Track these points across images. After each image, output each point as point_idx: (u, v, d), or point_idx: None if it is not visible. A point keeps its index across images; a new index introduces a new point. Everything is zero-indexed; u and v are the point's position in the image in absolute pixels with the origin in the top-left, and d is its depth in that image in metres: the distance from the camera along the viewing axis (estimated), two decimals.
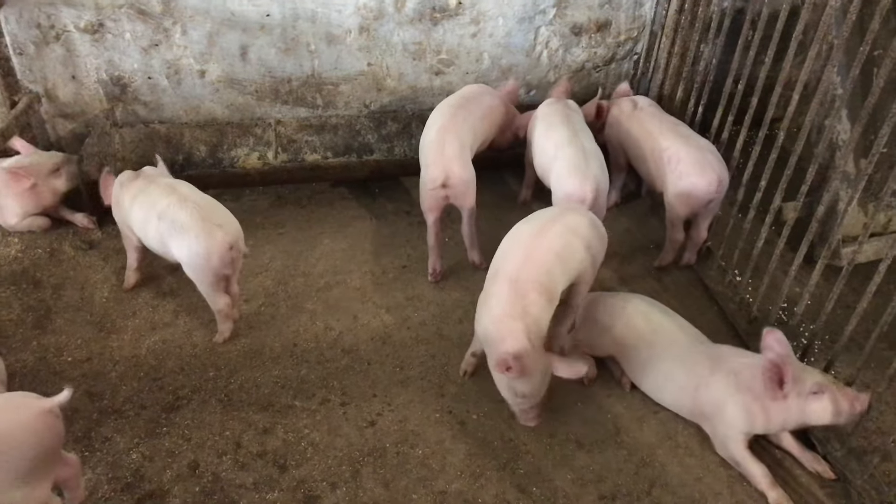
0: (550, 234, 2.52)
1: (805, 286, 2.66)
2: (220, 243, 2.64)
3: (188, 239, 2.65)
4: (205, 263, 2.67)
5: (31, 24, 3.26)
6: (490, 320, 2.39)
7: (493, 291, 2.43)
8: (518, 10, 3.57)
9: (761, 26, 2.83)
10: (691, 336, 2.63)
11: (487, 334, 2.40)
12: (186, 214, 2.66)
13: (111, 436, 2.50)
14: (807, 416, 2.32)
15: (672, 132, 3.19)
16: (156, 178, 2.86)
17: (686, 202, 3.09)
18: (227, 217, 2.74)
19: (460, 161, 3.00)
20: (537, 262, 2.44)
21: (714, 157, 3.07)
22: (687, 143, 3.11)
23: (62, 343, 2.82)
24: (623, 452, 2.53)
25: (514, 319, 2.33)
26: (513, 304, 2.35)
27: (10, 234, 3.30)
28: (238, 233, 2.72)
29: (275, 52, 3.49)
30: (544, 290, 2.41)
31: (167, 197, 2.72)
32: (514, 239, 2.58)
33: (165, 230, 2.69)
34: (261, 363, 2.78)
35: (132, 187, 2.85)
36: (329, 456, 2.47)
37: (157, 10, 3.30)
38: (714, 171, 3.02)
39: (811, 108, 2.64)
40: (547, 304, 2.41)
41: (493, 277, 2.49)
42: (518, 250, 2.48)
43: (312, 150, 3.64)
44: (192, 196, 2.75)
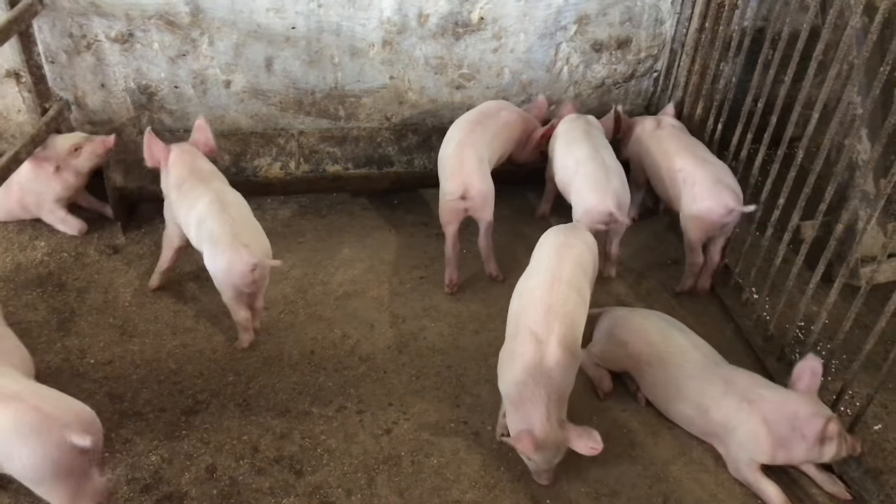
0: (562, 286, 2.44)
1: (822, 305, 2.66)
2: (242, 263, 2.63)
3: (215, 251, 2.68)
4: (225, 279, 2.70)
5: (63, 34, 3.33)
6: (514, 383, 2.32)
7: (518, 351, 2.35)
8: (539, 27, 3.60)
9: (781, 46, 2.85)
10: (706, 355, 2.63)
11: (509, 396, 2.35)
12: (219, 227, 2.68)
13: (131, 437, 2.54)
14: (817, 456, 2.38)
15: (689, 153, 3.18)
16: (212, 180, 2.87)
17: (700, 225, 3.07)
18: (257, 237, 2.75)
19: (479, 174, 3.03)
20: (559, 314, 2.37)
21: (729, 180, 3.05)
22: (703, 166, 3.10)
23: (85, 345, 2.87)
24: (637, 467, 2.54)
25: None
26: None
27: (36, 238, 3.37)
28: (264, 253, 2.72)
29: (299, 64, 3.55)
30: (569, 342, 2.35)
31: (210, 204, 2.73)
32: (530, 293, 2.48)
33: (200, 234, 2.74)
34: (279, 369, 2.82)
35: (185, 183, 2.85)
36: (345, 462, 2.50)
37: (185, 22, 3.36)
38: (728, 195, 3.00)
39: (831, 127, 2.65)
40: (572, 360, 2.35)
41: (514, 334, 2.42)
42: (538, 303, 2.40)
43: (334, 161, 3.69)
44: (233, 208, 2.76)
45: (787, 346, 2.87)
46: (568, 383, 2.33)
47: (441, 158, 3.19)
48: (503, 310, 3.05)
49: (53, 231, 3.39)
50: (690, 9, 3.55)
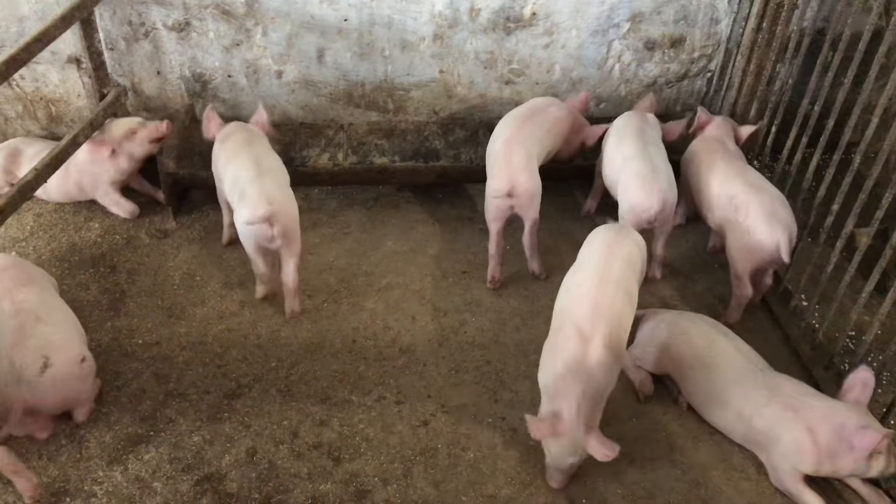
0: (611, 284, 2.41)
1: (875, 315, 2.59)
2: (259, 216, 2.76)
3: (239, 206, 2.84)
4: (245, 230, 2.85)
5: (123, 22, 3.42)
6: (553, 376, 2.32)
7: (561, 345, 2.34)
8: (592, 23, 3.57)
9: (842, 47, 2.78)
10: (751, 361, 2.58)
11: (546, 389, 2.36)
12: (248, 184, 2.84)
13: (175, 417, 2.60)
14: (864, 470, 2.32)
15: (742, 178, 3.01)
16: (251, 143, 3.05)
17: (750, 258, 2.91)
18: (283, 197, 2.87)
19: (527, 171, 3.02)
20: (605, 313, 2.35)
21: (784, 209, 2.88)
22: (759, 193, 2.92)
23: (134, 326, 2.94)
24: (676, 472, 2.50)
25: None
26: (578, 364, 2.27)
27: (91, 220, 3.46)
28: (283, 211, 2.82)
29: (350, 56, 3.58)
30: (613, 342, 2.32)
31: (246, 169, 2.91)
32: (578, 289, 2.46)
33: (232, 192, 2.91)
34: (321, 357, 2.85)
35: (227, 146, 3.07)
36: (382, 452, 2.52)
37: (240, 12, 3.42)
38: (782, 224, 2.83)
39: (891, 132, 2.57)
40: (615, 361, 2.32)
41: (558, 328, 2.41)
42: (585, 300, 2.38)
43: (381, 154, 3.71)
44: (267, 171, 2.92)
45: (836, 356, 2.80)
46: (607, 383, 2.30)
47: (489, 154, 3.18)
48: (545, 307, 3.07)
49: (107, 213, 3.48)
50: (748, 8, 3.48)
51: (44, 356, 2.40)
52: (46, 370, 2.40)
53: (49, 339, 2.46)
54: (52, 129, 3.72)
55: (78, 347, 2.52)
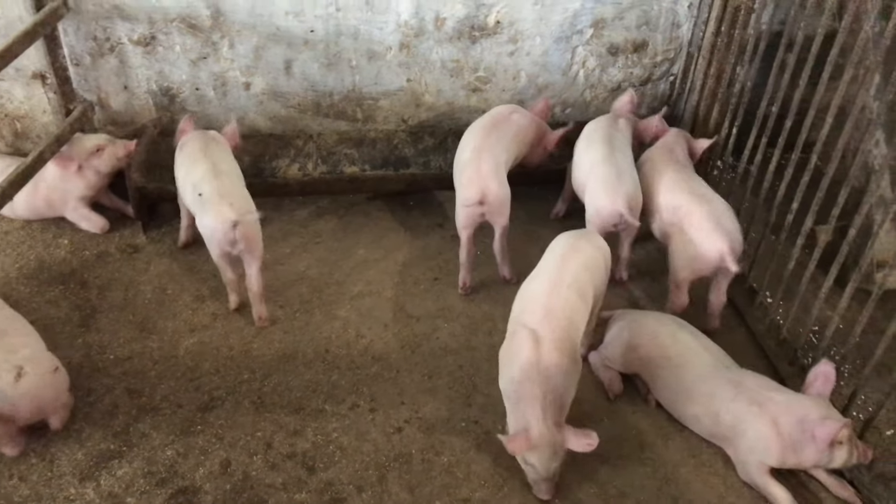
0: (563, 288, 2.43)
1: (835, 309, 2.65)
2: (223, 219, 2.80)
3: (202, 211, 2.90)
4: (210, 236, 2.89)
5: (88, 37, 3.41)
6: (511, 381, 2.33)
7: (515, 350, 2.35)
8: (555, 30, 3.63)
9: (797, 49, 2.85)
10: (717, 358, 2.64)
11: (507, 395, 2.37)
12: (208, 189, 2.90)
13: (148, 432, 2.60)
14: (827, 461, 2.37)
15: (688, 188, 3.06)
16: (208, 148, 3.10)
17: (691, 267, 2.94)
18: (242, 199, 2.92)
19: (497, 179, 3.05)
20: (557, 316, 2.37)
21: (729, 219, 2.93)
22: (703, 203, 2.96)
23: (105, 341, 2.93)
24: (647, 469, 2.55)
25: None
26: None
27: (60, 237, 3.44)
28: (246, 212, 2.85)
29: (317, 67, 3.60)
30: (566, 345, 2.34)
31: (204, 171, 2.97)
32: (531, 293, 2.49)
33: (194, 199, 2.97)
34: (293, 367, 2.86)
35: (185, 150, 3.15)
36: (356, 460, 2.53)
37: (206, 25, 3.43)
38: (725, 234, 2.86)
39: (845, 131, 2.64)
40: (571, 364, 2.33)
41: (513, 333, 2.42)
42: (537, 304, 2.40)
43: (351, 163, 3.73)
44: (225, 174, 2.99)
45: (800, 350, 2.86)
46: (566, 386, 2.31)
47: (457, 164, 3.22)
48: None
49: (76, 230, 3.47)
50: (707, 12, 3.55)
51: (17, 366, 2.38)
52: (21, 379, 2.37)
53: (18, 351, 2.44)
54: (18, 146, 3.70)
55: (49, 358, 2.51)
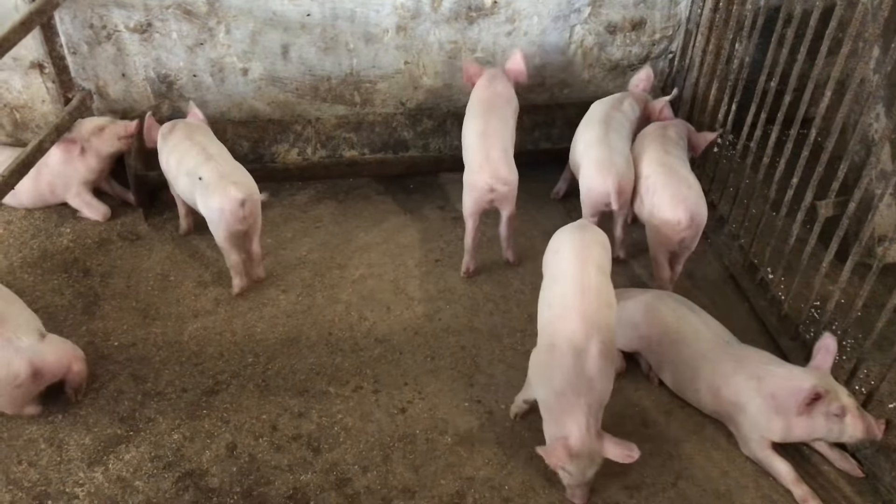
0: (592, 292, 2.38)
1: (836, 284, 2.66)
2: (231, 199, 2.87)
3: (206, 194, 2.94)
4: (218, 217, 2.93)
5: (84, 25, 3.40)
6: (553, 394, 2.28)
7: (557, 362, 2.29)
8: (553, 9, 3.61)
9: (795, 24, 2.83)
10: (718, 334, 2.64)
11: (548, 407, 2.31)
12: (207, 172, 2.95)
13: (154, 417, 2.62)
14: (824, 434, 2.37)
15: (659, 161, 3.06)
16: (192, 134, 3.16)
17: (658, 238, 2.98)
18: (245, 177, 3.00)
19: (506, 164, 3.04)
20: (594, 322, 2.31)
21: (691, 191, 2.94)
22: (669, 174, 2.99)
23: (109, 328, 2.95)
24: (649, 445, 2.56)
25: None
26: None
27: (62, 225, 3.45)
28: (252, 191, 2.95)
29: (315, 51, 3.59)
30: (608, 349, 2.31)
31: (196, 156, 3.03)
32: (561, 301, 2.40)
33: (193, 185, 3.01)
34: (297, 351, 2.88)
35: (170, 140, 3.18)
36: (361, 441, 2.55)
37: (202, 11, 3.42)
38: (685, 205, 2.89)
39: (844, 104, 2.63)
40: (611, 366, 2.32)
41: (549, 344, 2.35)
42: (572, 312, 2.33)
43: (350, 147, 3.73)
44: (217, 156, 3.04)
45: (802, 326, 2.87)
46: (608, 390, 2.31)
47: (465, 149, 3.17)
48: (517, 291, 3.12)
49: (78, 218, 3.48)
50: None
51: (37, 328, 2.56)
52: (44, 338, 2.54)
53: (29, 319, 2.60)
54: (18, 136, 3.70)
55: None
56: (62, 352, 2.56)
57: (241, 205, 2.89)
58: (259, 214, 3.03)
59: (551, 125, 3.82)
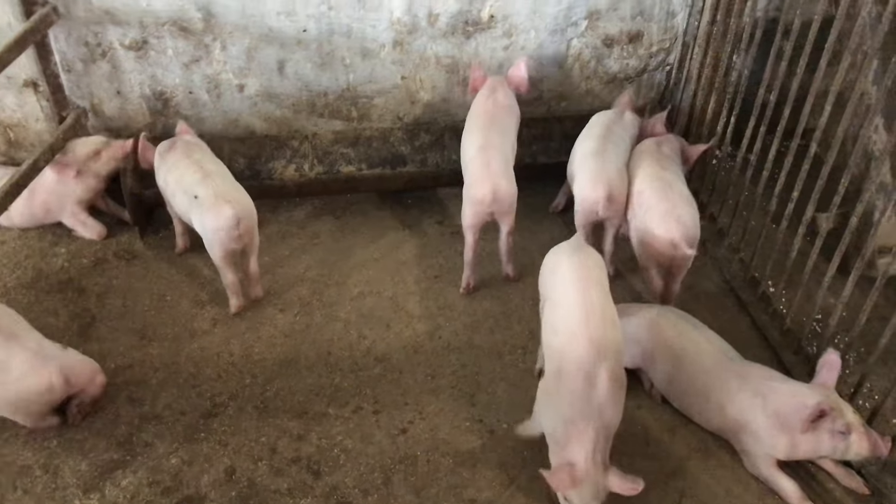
0: (597, 315, 2.32)
1: (839, 297, 2.64)
2: (227, 217, 2.86)
3: (202, 213, 2.92)
4: (213, 236, 2.91)
5: (79, 43, 3.38)
6: (562, 422, 2.23)
7: (567, 388, 2.24)
8: (550, 23, 3.60)
9: (793, 36, 2.82)
10: (721, 351, 2.62)
11: (555, 435, 2.26)
12: (203, 190, 2.93)
13: (151, 441, 2.58)
14: (830, 451, 2.34)
15: (654, 176, 3.04)
16: (191, 152, 3.13)
17: (647, 252, 2.95)
18: (240, 195, 2.99)
19: (506, 177, 3.02)
20: (603, 346, 2.25)
21: (685, 207, 2.90)
22: (663, 190, 2.96)
23: (105, 350, 2.92)
24: (654, 464, 2.54)
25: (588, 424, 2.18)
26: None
27: (56, 245, 3.42)
28: (248, 209, 2.95)
29: (311, 67, 3.57)
30: (617, 373, 2.27)
31: (194, 174, 3.00)
32: (566, 327, 2.34)
33: (188, 204, 2.99)
34: (296, 371, 2.85)
35: (168, 159, 3.15)
36: (361, 463, 2.52)
37: (198, 28, 3.40)
38: (678, 222, 2.85)
39: (845, 117, 2.62)
40: (621, 391, 2.28)
41: (558, 370, 2.30)
42: (579, 338, 2.27)
43: (347, 162, 3.70)
44: (214, 174, 3.02)
45: (804, 340, 2.85)
46: (618, 416, 2.26)
47: (465, 162, 3.15)
48: (518, 308, 3.09)
49: (73, 237, 3.45)
50: (702, 1, 3.51)
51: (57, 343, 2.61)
52: (67, 348, 2.61)
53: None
54: (12, 155, 3.67)
55: None
56: (87, 361, 2.61)
57: (236, 223, 2.87)
58: (255, 233, 3.01)
59: (549, 138, 3.79)
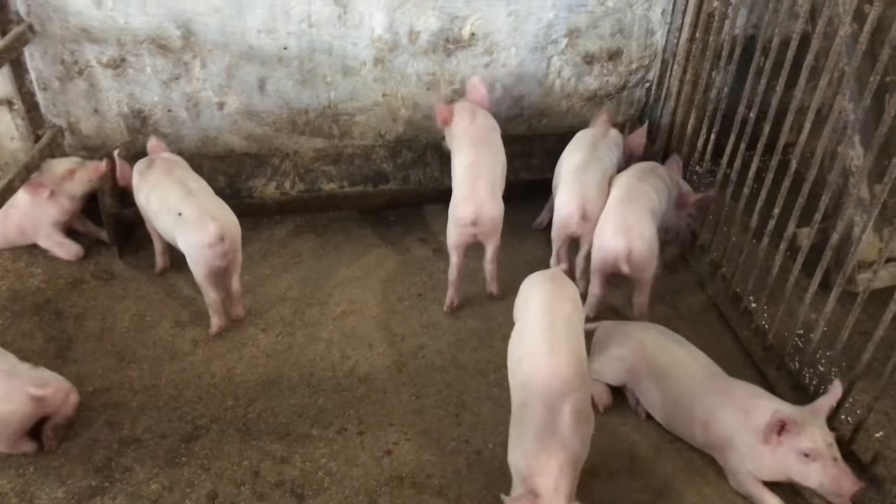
0: (563, 349, 2.28)
1: (821, 313, 2.66)
2: (211, 234, 2.83)
3: (186, 230, 2.90)
4: (197, 254, 2.89)
5: (55, 61, 3.34)
6: (524, 455, 2.16)
7: (530, 421, 2.18)
8: (530, 41, 3.61)
9: (772, 54, 2.85)
10: (704, 367, 2.62)
11: (519, 471, 2.18)
12: (187, 208, 2.91)
13: (131, 466, 2.53)
14: (797, 475, 2.32)
15: (618, 189, 3.08)
16: (172, 170, 3.10)
17: (595, 257, 2.98)
18: (225, 212, 2.96)
19: (492, 198, 3.01)
20: (566, 379, 2.21)
21: (636, 220, 2.92)
22: (620, 202, 2.99)
23: (83, 373, 2.86)
24: (640, 482, 2.53)
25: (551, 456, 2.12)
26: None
27: (32, 265, 3.36)
28: (231, 226, 2.93)
29: (292, 84, 3.56)
30: (583, 406, 2.22)
31: (177, 192, 2.98)
32: (531, 358, 2.30)
33: (172, 222, 2.95)
34: (278, 392, 2.81)
35: (149, 177, 3.11)
36: (346, 486, 2.49)
37: (177, 45, 3.37)
38: (625, 234, 2.88)
39: (823, 134, 2.65)
40: (587, 426, 2.23)
41: (522, 403, 2.25)
42: (543, 370, 2.24)
43: (329, 180, 3.69)
44: (198, 192, 3.00)
45: (787, 356, 2.86)
46: (584, 450, 2.20)
47: (454, 181, 3.12)
48: (502, 325, 3.08)
49: (50, 258, 3.38)
50: (681, 19, 3.55)
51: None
52: (37, 367, 2.59)
53: None
54: None
55: None
56: (60, 380, 2.56)
57: (221, 240, 2.85)
58: (239, 250, 2.99)
59: (530, 155, 3.81)
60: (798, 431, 2.28)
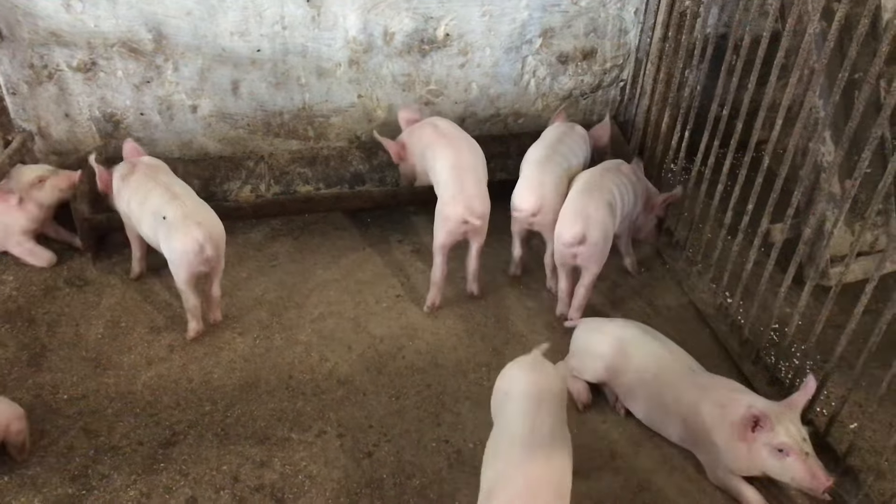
0: (543, 453, 2.08)
1: (795, 307, 2.69)
2: (194, 238, 2.80)
3: (169, 234, 2.85)
4: (180, 258, 2.84)
5: (24, 65, 3.29)
6: None
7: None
8: (505, 41, 3.62)
9: (743, 52, 2.89)
10: (682, 363, 2.64)
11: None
12: (171, 211, 2.87)
13: (108, 473, 2.49)
14: (771, 469, 2.35)
15: (578, 183, 3.11)
16: (155, 175, 3.05)
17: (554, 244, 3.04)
18: (209, 216, 2.92)
19: (480, 194, 3.03)
20: (539, 490, 1.99)
21: (594, 209, 2.95)
22: (580, 195, 3.01)
23: (58, 381, 2.82)
24: (620, 478, 2.54)
25: None
26: None
27: (3, 273, 3.31)
28: (215, 231, 2.89)
29: (266, 87, 3.54)
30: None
31: (160, 196, 2.93)
32: (507, 458, 2.10)
33: (156, 226, 2.91)
34: (256, 396, 2.79)
35: (131, 182, 3.06)
36: (327, 488, 2.47)
37: (148, 49, 3.34)
38: (582, 221, 2.91)
39: (794, 131, 2.69)
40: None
41: (489, 493, 2.04)
42: (516, 476, 2.02)
43: (305, 182, 3.68)
44: (182, 195, 2.96)
45: (763, 350, 2.90)
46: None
47: (437, 183, 3.14)
48: (480, 325, 3.09)
49: (21, 264, 3.33)
50: (654, 18, 3.58)
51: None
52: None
53: None
54: None
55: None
56: (5, 407, 2.43)
57: (205, 245, 2.82)
58: (223, 255, 2.96)
59: (506, 156, 3.82)
60: (772, 427, 2.31)
